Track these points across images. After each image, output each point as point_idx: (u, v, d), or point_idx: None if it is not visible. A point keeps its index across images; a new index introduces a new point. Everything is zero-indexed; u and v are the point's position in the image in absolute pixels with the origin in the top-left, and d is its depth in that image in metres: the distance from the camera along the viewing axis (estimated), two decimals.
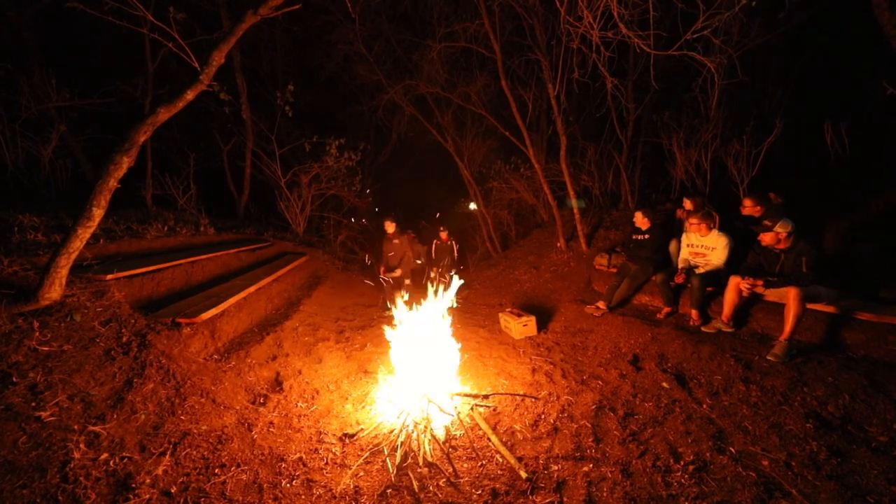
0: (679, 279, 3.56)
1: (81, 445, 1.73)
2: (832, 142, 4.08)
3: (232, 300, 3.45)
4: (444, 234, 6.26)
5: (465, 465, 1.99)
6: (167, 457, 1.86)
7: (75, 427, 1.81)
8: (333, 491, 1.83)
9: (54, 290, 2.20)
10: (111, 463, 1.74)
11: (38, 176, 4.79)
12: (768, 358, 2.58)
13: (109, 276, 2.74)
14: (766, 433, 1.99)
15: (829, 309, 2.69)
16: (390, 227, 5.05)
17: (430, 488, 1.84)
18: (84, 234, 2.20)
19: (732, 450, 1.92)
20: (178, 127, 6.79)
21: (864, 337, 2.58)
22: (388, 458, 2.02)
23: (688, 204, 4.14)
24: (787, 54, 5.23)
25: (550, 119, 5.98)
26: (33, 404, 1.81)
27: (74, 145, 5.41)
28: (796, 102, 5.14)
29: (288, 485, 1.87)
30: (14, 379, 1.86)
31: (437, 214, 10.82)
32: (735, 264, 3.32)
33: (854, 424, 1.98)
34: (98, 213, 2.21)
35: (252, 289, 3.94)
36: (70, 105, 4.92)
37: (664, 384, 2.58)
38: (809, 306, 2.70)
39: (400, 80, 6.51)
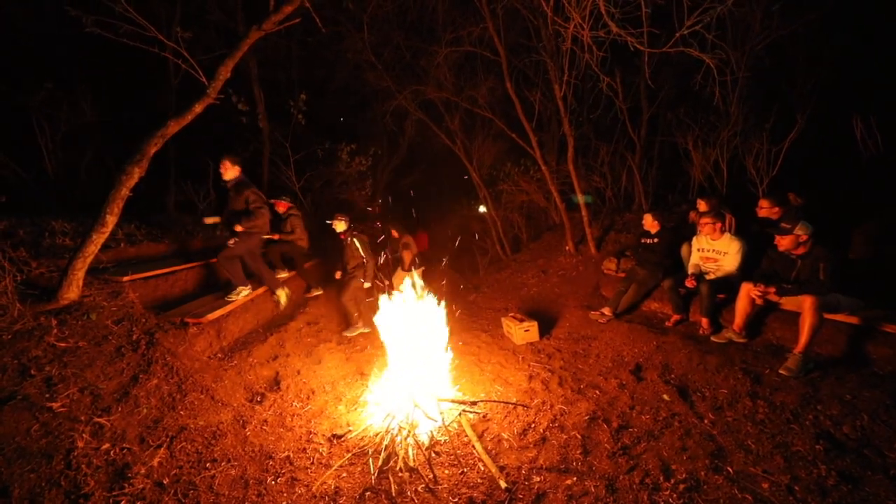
0: (689, 285, 3.38)
1: (86, 435, 1.87)
2: (862, 137, 3.75)
3: (239, 301, 3.61)
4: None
5: (446, 472, 1.98)
6: (163, 449, 1.97)
7: (82, 418, 1.95)
8: (313, 490, 1.87)
9: (72, 291, 2.39)
10: (111, 453, 1.86)
11: (76, 185, 5.23)
12: (780, 372, 2.40)
13: (125, 278, 2.94)
14: (769, 453, 1.86)
15: (852, 320, 2.47)
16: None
17: (408, 493, 1.84)
18: (98, 240, 2.38)
19: (730, 469, 1.80)
20: (201, 136, 7.19)
21: (891, 352, 2.35)
22: (371, 461, 2.05)
23: (702, 205, 3.93)
24: (816, 42, 4.85)
25: (560, 120, 5.88)
26: (47, 395, 1.97)
27: (108, 156, 5.87)
28: (826, 95, 4.76)
29: (273, 482, 1.93)
30: (32, 372, 2.04)
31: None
32: (750, 270, 3.12)
33: (871, 448, 1.80)
34: (111, 220, 2.39)
35: (260, 290, 4.10)
36: (104, 120, 5.36)
37: (665, 396, 2.46)
38: (830, 317, 2.49)
39: (408, 86, 6.61)
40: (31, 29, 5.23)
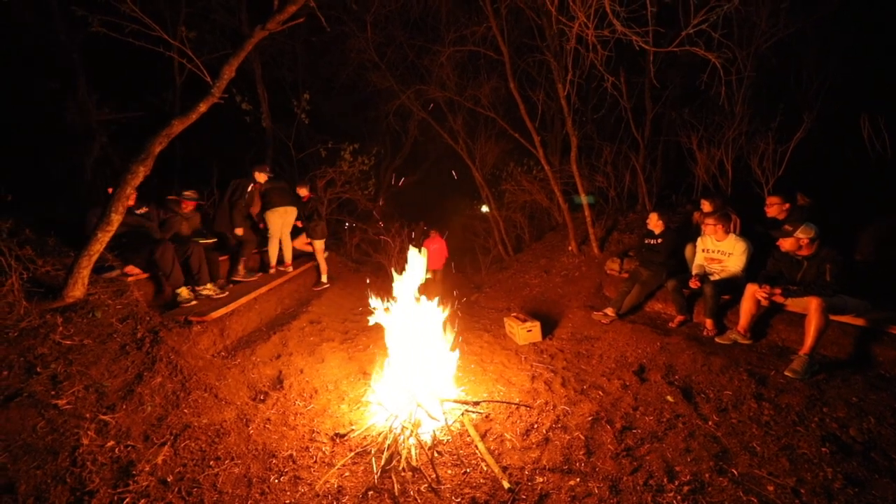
0: (693, 285, 3.36)
1: (91, 433, 1.88)
2: (870, 137, 3.71)
3: (243, 300, 3.62)
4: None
5: (449, 472, 1.98)
6: (167, 447, 1.98)
7: (87, 415, 1.96)
8: (315, 489, 1.87)
9: (77, 289, 2.41)
10: (116, 450, 1.87)
11: (83, 183, 5.27)
12: (786, 374, 2.38)
13: (130, 277, 2.96)
14: (775, 455, 1.84)
15: (858, 322, 2.45)
16: None
17: (411, 493, 1.84)
18: (104, 238, 2.40)
19: (735, 472, 1.79)
20: (206, 136, 7.24)
21: None
22: (373, 460, 2.05)
23: (706, 205, 3.91)
24: (825, 39, 4.79)
25: (564, 120, 5.86)
26: (52, 393, 1.98)
27: (114, 155, 5.91)
28: (833, 94, 4.71)
29: (276, 480, 1.94)
30: (38, 369, 2.05)
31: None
32: (755, 271, 3.10)
33: (878, 451, 1.79)
34: (116, 219, 2.40)
35: (263, 289, 4.12)
36: (109, 119, 5.39)
37: (669, 397, 2.44)
38: (836, 318, 2.47)
39: (411, 86, 6.62)
40: (37, 27, 5.27)
